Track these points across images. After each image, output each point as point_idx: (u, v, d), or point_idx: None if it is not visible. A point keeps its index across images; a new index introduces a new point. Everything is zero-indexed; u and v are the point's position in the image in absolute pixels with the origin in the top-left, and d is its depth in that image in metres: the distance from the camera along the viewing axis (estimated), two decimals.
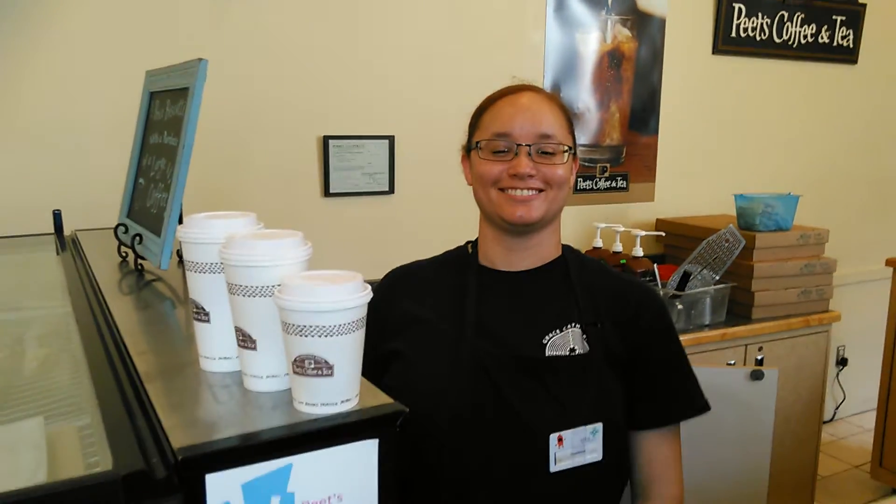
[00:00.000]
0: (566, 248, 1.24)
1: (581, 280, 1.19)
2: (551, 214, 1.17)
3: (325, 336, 0.61)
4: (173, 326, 0.98)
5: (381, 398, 0.66)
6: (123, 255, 1.34)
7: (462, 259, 1.25)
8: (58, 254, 1.54)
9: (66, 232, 1.67)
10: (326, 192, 2.25)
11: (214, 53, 1.98)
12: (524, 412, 1.07)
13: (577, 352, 1.11)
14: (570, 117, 1.20)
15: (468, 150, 1.21)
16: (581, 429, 1.07)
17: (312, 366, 0.62)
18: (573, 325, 1.14)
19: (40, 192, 1.87)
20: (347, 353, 0.62)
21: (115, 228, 1.35)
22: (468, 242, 1.29)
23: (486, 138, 1.15)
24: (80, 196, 1.88)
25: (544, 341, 1.13)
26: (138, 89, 1.49)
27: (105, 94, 1.93)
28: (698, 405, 1.20)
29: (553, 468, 1.06)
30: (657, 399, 1.17)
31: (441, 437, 1.09)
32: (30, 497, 0.50)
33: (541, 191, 1.13)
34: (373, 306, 1.26)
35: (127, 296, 1.13)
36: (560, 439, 1.06)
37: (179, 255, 1.30)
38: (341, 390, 0.63)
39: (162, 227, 1.17)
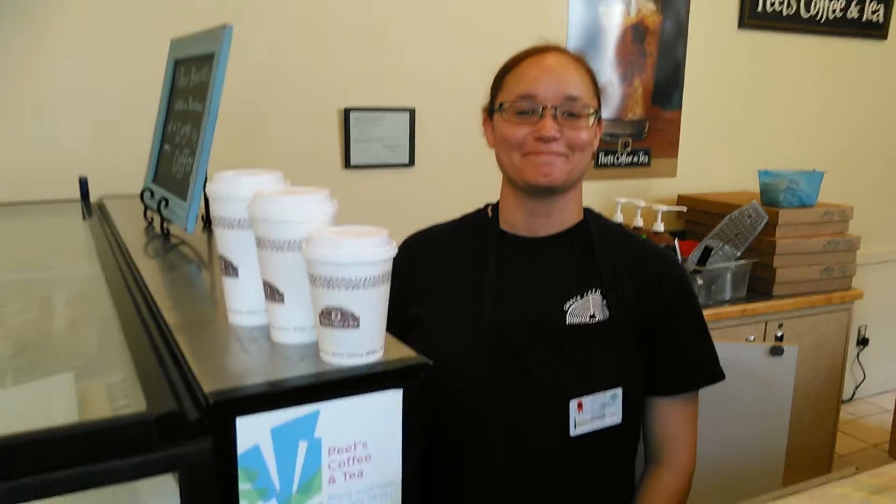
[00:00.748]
0: (588, 213, 1.24)
1: (602, 245, 1.18)
2: (574, 178, 1.16)
3: (352, 288, 0.62)
4: (200, 286, 1.00)
5: (404, 351, 0.67)
6: (149, 219, 1.36)
7: (482, 223, 1.25)
8: (84, 219, 1.57)
9: (93, 199, 1.70)
10: (347, 164, 2.26)
11: (238, 22, 1.98)
12: (545, 379, 1.08)
13: (596, 318, 1.12)
14: (595, 79, 1.18)
15: (490, 111, 1.20)
16: (601, 394, 1.08)
17: (339, 317, 0.63)
18: (594, 290, 1.14)
19: (67, 160, 1.90)
20: (373, 305, 0.64)
21: (142, 193, 1.38)
22: (488, 205, 1.28)
23: (510, 100, 1.14)
24: (106, 164, 1.91)
25: (565, 308, 1.13)
26: (162, 57, 1.50)
27: (129, 62, 1.95)
28: (714, 373, 1.20)
29: (573, 432, 1.07)
30: (674, 366, 1.17)
31: (461, 403, 1.10)
32: (65, 435, 0.51)
33: (565, 154, 1.12)
34: (394, 270, 1.27)
35: (154, 258, 1.15)
36: (580, 405, 1.07)
37: (204, 219, 1.32)
38: (367, 342, 0.64)
39: (188, 191, 1.18)
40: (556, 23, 2.51)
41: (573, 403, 1.07)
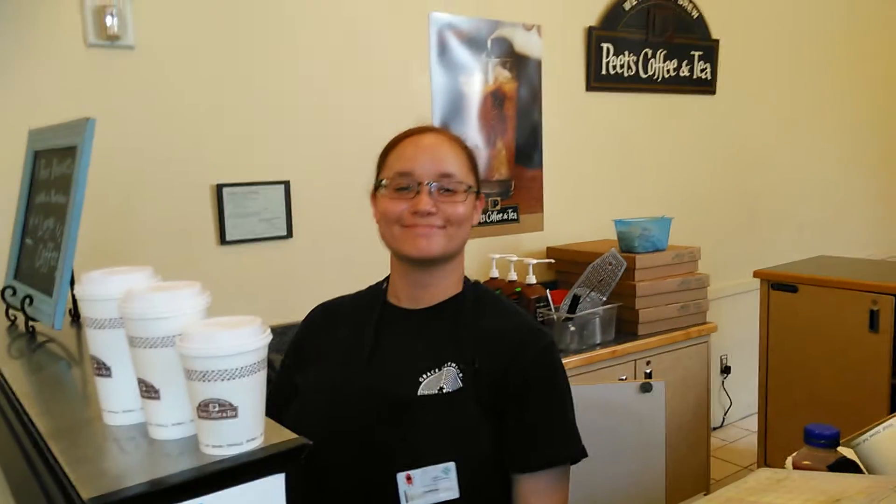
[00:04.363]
0: (468, 286, 1.26)
1: (470, 319, 1.21)
2: (451, 250, 1.20)
3: (228, 379, 0.65)
4: (71, 386, 0.98)
5: (284, 434, 0.70)
6: (12, 318, 1.31)
7: (375, 295, 1.29)
8: None
9: None
10: (223, 241, 2.25)
11: (98, 108, 1.96)
12: (380, 450, 1.10)
13: (444, 390, 1.13)
14: (473, 157, 1.24)
15: (375, 188, 1.24)
16: (431, 468, 1.07)
17: (217, 409, 0.65)
18: (450, 364, 1.16)
19: None
20: (250, 393, 0.67)
21: (2, 291, 1.33)
22: (386, 278, 1.31)
23: (389, 176, 1.19)
24: None
25: (420, 379, 1.15)
26: (12, 147, 1.46)
27: None
28: (571, 452, 1.17)
29: None
30: (528, 442, 1.15)
31: (318, 471, 1.10)
32: None
33: (442, 227, 1.17)
34: (295, 339, 1.25)
35: (20, 359, 1.11)
36: (409, 478, 1.08)
37: (72, 313, 1.29)
38: (246, 430, 0.67)
39: (54, 287, 1.16)
40: (421, 92, 2.64)
41: (401, 476, 1.07)
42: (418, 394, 1.13)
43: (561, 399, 1.19)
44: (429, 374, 1.16)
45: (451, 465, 1.07)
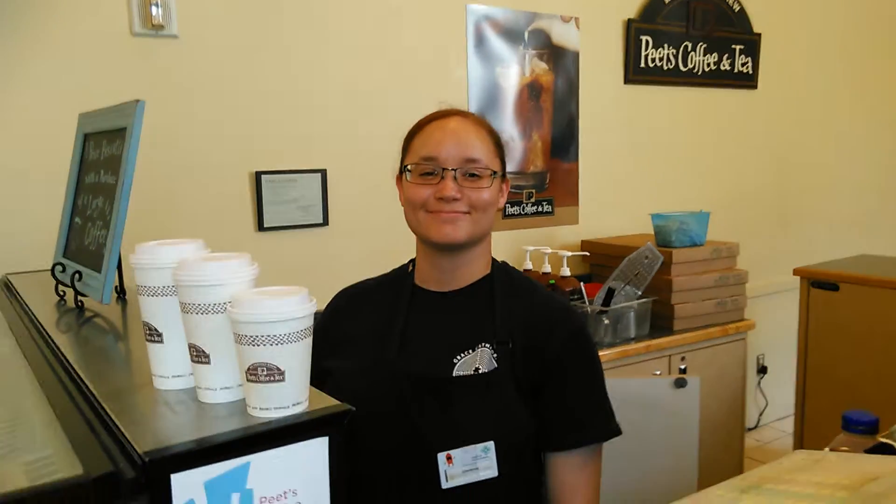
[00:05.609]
0: (497, 267, 1.27)
1: (503, 300, 1.22)
2: (477, 235, 1.20)
3: (276, 344, 0.67)
4: (121, 356, 1.01)
5: (327, 401, 0.72)
6: (61, 293, 1.35)
7: (401, 278, 1.30)
8: None
9: None
10: (260, 227, 2.29)
11: (143, 95, 2.00)
12: (418, 431, 1.11)
13: (480, 370, 1.14)
14: (498, 141, 1.24)
15: (400, 172, 1.25)
16: (472, 447, 1.09)
17: (265, 373, 0.67)
18: (485, 344, 1.17)
19: None
20: (297, 359, 0.68)
21: (53, 268, 1.37)
22: (411, 261, 1.32)
23: (414, 162, 1.20)
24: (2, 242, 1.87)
25: (455, 360, 1.16)
26: (59, 132, 1.51)
27: (29, 137, 1.93)
28: (607, 430, 1.19)
29: (445, 485, 1.09)
30: (565, 421, 1.17)
31: (364, 455, 1.13)
32: (6, 501, 0.53)
33: (467, 212, 1.17)
34: (320, 325, 1.26)
35: (70, 332, 1.15)
36: (449, 457, 1.09)
37: (118, 289, 1.33)
38: (292, 394, 0.69)
39: (102, 263, 1.20)
40: (457, 83, 2.65)
41: (441, 456, 1.09)
42: (454, 374, 1.15)
43: (596, 377, 1.21)
44: (463, 354, 1.17)
45: (491, 444, 1.09)
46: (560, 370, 1.17)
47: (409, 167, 1.21)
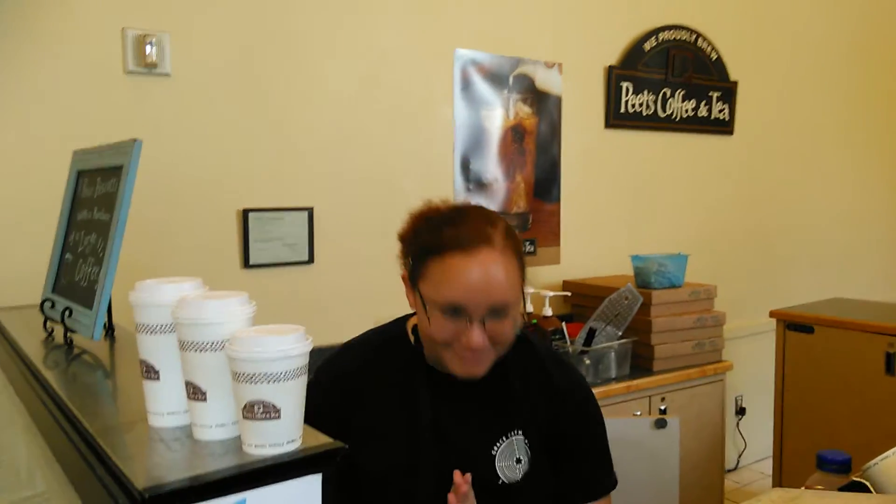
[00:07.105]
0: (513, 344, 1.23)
1: (520, 382, 1.23)
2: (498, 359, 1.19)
3: (274, 382, 0.69)
4: (112, 392, 1.02)
5: (321, 438, 0.74)
6: (49, 329, 1.36)
7: (405, 351, 1.24)
8: None
9: None
10: (246, 264, 2.30)
11: (134, 132, 2.03)
12: None
13: (522, 464, 1.19)
14: (523, 264, 1.17)
15: (411, 281, 1.17)
16: None
17: (262, 410, 0.69)
18: (516, 431, 1.20)
19: None
20: (293, 396, 0.70)
21: (42, 303, 1.38)
22: (405, 323, 1.28)
23: (437, 301, 1.11)
24: None
25: (493, 452, 1.19)
26: (49, 168, 1.52)
27: (18, 172, 1.95)
28: (608, 487, 1.28)
29: None
30: (579, 486, 1.26)
31: None
32: None
33: (491, 350, 1.14)
34: (332, 409, 1.19)
35: (58, 369, 1.16)
36: None
37: (106, 326, 1.33)
38: (287, 431, 0.70)
39: (94, 299, 1.21)
40: (443, 124, 2.71)
41: None
42: (499, 477, 1.18)
43: (605, 439, 1.30)
44: (499, 443, 1.20)
45: None
46: (576, 437, 1.26)
47: (428, 303, 1.12)
